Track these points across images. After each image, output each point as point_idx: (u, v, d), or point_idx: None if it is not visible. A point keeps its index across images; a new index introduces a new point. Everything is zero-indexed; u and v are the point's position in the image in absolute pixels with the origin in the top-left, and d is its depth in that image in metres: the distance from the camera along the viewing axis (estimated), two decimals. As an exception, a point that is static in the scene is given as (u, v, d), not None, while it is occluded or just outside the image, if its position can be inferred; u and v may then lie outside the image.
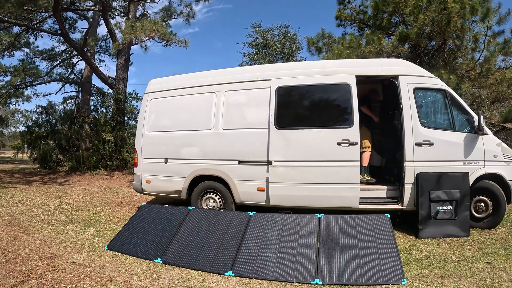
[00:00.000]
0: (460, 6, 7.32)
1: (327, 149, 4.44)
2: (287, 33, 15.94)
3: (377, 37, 8.40)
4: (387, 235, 3.34)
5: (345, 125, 4.48)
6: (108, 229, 4.97)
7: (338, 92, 4.59)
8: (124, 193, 8.30)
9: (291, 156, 4.57)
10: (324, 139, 4.48)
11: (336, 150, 4.41)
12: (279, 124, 4.65)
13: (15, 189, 8.39)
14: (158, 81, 5.91)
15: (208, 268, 3.35)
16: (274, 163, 4.58)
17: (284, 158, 4.58)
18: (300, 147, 4.57)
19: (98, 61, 18.66)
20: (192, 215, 4.13)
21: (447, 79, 7.11)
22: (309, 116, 4.69)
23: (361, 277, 2.99)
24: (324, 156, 4.45)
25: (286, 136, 4.60)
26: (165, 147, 5.48)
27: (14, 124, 34.07)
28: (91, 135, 12.70)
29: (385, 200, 4.60)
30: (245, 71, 5.33)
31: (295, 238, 3.49)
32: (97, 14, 14.86)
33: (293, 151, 4.57)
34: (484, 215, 4.57)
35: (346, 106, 4.51)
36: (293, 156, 4.57)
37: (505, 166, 4.54)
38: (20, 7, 10.52)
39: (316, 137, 4.53)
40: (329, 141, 4.45)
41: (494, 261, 3.43)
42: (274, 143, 4.62)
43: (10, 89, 15.84)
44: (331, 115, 4.68)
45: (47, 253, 3.82)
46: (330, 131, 4.46)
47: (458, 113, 4.61)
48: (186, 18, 15.64)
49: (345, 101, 4.52)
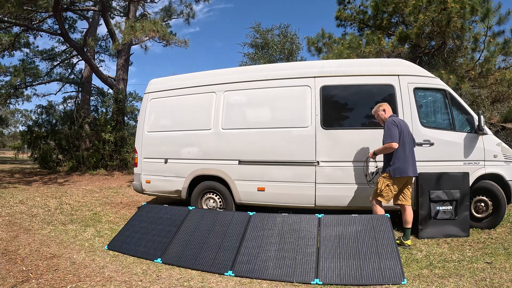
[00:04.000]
0: (460, 6, 7.32)
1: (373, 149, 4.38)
2: (287, 33, 15.95)
3: (377, 37, 8.41)
4: (387, 235, 3.34)
5: None
6: (108, 229, 4.97)
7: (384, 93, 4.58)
8: (124, 193, 8.30)
9: (338, 156, 4.56)
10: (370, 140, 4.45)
11: None
12: (325, 124, 4.63)
13: (15, 189, 8.39)
14: (158, 81, 5.91)
15: (208, 268, 3.35)
16: (322, 163, 4.58)
17: (332, 159, 4.57)
18: (347, 147, 4.54)
19: (98, 61, 18.68)
20: (192, 215, 4.13)
21: (447, 79, 7.11)
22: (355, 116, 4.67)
23: (361, 277, 2.98)
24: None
25: (333, 136, 4.60)
26: (165, 147, 5.48)
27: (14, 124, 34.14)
28: (91, 135, 12.70)
29: None
30: (245, 71, 5.33)
31: (295, 238, 3.49)
32: (97, 14, 14.87)
33: (340, 151, 4.56)
34: (484, 215, 4.57)
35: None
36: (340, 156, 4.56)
37: (505, 166, 4.54)
38: (20, 7, 10.53)
39: (361, 137, 4.51)
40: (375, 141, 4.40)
41: (494, 261, 3.43)
42: (320, 143, 4.60)
43: (10, 89, 15.86)
44: None
45: (47, 253, 3.82)
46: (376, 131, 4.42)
47: (458, 113, 4.61)
48: (186, 18, 15.66)
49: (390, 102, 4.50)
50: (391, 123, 3.89)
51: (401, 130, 3.88)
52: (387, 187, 3.88)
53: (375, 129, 4.44)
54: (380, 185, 3.93)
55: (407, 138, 3.92)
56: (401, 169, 3.83)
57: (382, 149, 3.97)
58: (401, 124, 3.93)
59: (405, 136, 3.90)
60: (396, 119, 3.98)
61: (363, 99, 4.67)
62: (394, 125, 3.87)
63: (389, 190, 3.88)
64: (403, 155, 3.86)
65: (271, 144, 4.78)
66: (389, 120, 3.96)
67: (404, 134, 3.89)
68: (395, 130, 3.83)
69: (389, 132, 3.84)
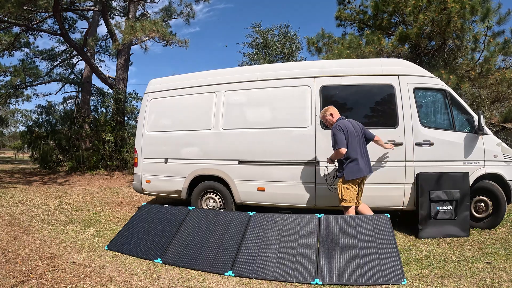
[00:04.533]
0: (460, 6, 7.32)
1: (373, 149, 4.39)
2: (287, 33, 15.96)
3: (377, 37, 8.41)
4: (387, 235, 3.34)
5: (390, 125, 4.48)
6: (108, 229, 4.97)
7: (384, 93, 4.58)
8: (124, 193, 8.30)
9: None
10: None
11: (382, 150, 4.42)
12: (325, 124, 4.61)
13: (15, 189, 8.39)
14: (158, 81, 5.91)
15: (208, 268, 3.35)
16: (322, 163, 4.57)
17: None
18: None
19: (98, 61, 18.68)
20: (192, 215, 4.13)
21: (447, 79, 7.11)
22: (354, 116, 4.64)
23: (361, 277, 2.98)
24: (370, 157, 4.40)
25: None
26: (165, 147, 5.47)
27: (14, 124, 34.16)
28: (91, 135, 12.70)
29: None
30: (245, 71, 5.33)
31: (295, 238, 3.49)
32: (97, 14, 14.87)
33: None
34: (484, 215, 4.57)
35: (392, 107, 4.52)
36: None
37: (505, 166, 4.54)
38: (20, 7, 10.53)
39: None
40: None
41: (494, 261, 3.43)
42: (320, 143, 4.60)
43: (10, 89, 15.87)
44: (376, 115, 4.65)
45: (47, 253, 3.82)
46: (376, 131, 4.41)
47: (458, 113, 4.60)
48: (186, 18, 15.67)
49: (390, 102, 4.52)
50: (337, 128, 3.93)
51: (347, 133, 3.91)
52: (347, 190, 3.93)
53: (375, 129, 4.44)
54: (340, 190, 3.99)
55: (356, 140, 3.94)
56: (354, 171, 3.89)
57: (334, 155, 4.05)
58: (348, 127, 3.96)
59: (353, 138, 3.92)
60: (342, 122, 4.00)
61: (363, 99, 4.67)
62: (340, 130, 3.91)
63: (349, 192, 3.93)
64: (355, 157, 3.90)
65: (271, 144, 4.78)
66: (334, 125, 4.00)
67: (351, 136, 3.92)
68: (341, 135, 3.88)
69: (336, 138, 3.91)
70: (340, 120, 4.07)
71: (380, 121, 4.58)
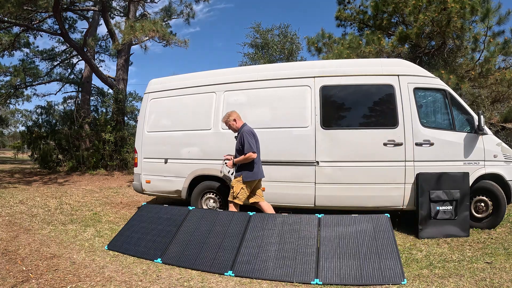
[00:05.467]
0: (460, 6, 7.32)
1: (373, 149, 4.42)
2: (287, 33, 15.96)
3: (377, 37, 8.41)
4: (387, 235, 3.34)
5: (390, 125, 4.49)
6: (108, 229, 4.97)
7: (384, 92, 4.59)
8: (124, 193, 8.30)
9: (337, 156, 4.57)
10: (370, 140, 4.47)
11: (382, 150, 4.42)
12: (325, 124, 4.63)
13: (15, 189, 8.39)
14: (158, 81, 5.91)
15: (208, 268, 3.35)
16: (321, 163, 4.58)
17: (332, 159, 4.58)
18: (347, 147, 4.54)
19: (98, 61, 18.68)
20: (192, 215, 4.13)
21: (447, 79, 7.12)
22: (354, 116, 4.68)
23: (361, 277, 2.98)
24: (370, 157, 4.45)
25: (333, 136, 4.60)
26: (165, 147, 5.47)
27: (14, 124, 34.17)
28: (91, 135, 12.70)
29: None
30: (245, 71, 5.33)
31: (295, 238, 3.49)
32: (97, 14, 14.87)
33: (340, 151, 4.56)
34: (484, 215, 4.57)
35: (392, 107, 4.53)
36: (340, 156, 4.56)
37: (505, 166, 4.54)
38: (20, 7, 10.53)
39: (361, 137, 4.51)
40: (375, 141, 4.44)
41: (494, 261, 3.43)
42: (320, 143, 4.61)
43: (10, 89, 15.87)
44: (376, 115, 4.65)
45: (47, 253, 3.82)
46: (376, 131, 4.45)
47: (458, 113, 4.61)
48: (186, 18, 15.68)
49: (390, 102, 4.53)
50: (249, 133, 4.12)
51: (256, 140, 4.17)
52: (242, 190, 4.16)
53: (375, 129, 4.44)
54: (235, 188, 4.18)
55: (258, 145, 4.22)
56: (252, 174, 4.15)
57: (242, 159, 4.13)
58: (255, 134, 4.20)
59: (258, 144, 4.22)
60: (250, 129, 4.21)
61: (363, 99, 4.67)
62: (252, 135, 4.12)
63: (244, 192, 4.18)
64: (256, 161, 4.17)
65: (271, 144, 4.78)
66: (246, 130, 4.16)
67: (257, 142, 4.21)
68: (253, 140, 4.09)
69: (249, 143, 4.05)
70: (247, 126, 4.26)
71: (380, 121, 4.58)
